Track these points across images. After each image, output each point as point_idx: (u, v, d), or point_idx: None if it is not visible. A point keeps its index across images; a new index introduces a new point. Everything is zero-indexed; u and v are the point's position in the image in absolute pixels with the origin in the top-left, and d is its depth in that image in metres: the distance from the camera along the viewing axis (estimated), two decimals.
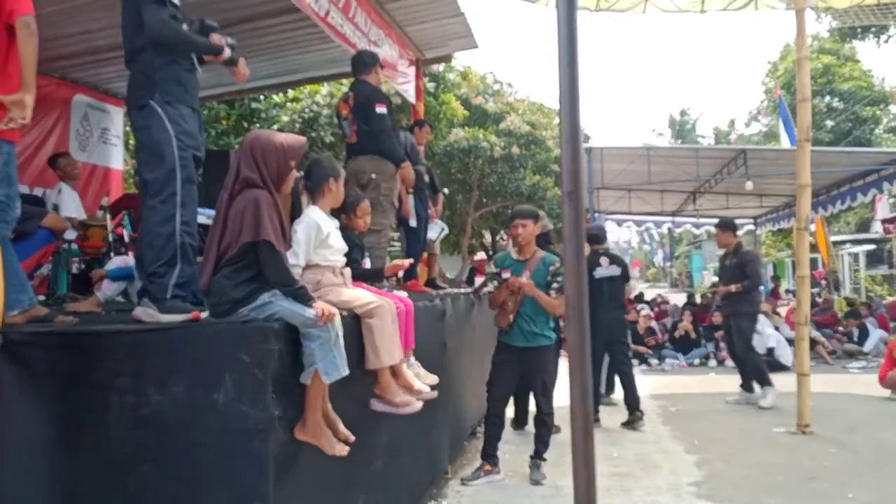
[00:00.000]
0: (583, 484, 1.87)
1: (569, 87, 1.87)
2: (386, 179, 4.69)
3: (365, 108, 4.64)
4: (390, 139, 4.64)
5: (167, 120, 2.93)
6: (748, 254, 7.20)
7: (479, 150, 12.77)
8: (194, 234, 2.98)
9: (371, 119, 4.60)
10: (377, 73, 4.83)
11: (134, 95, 3.02)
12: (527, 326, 4.51)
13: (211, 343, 2.42)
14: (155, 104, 2.94)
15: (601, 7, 7.57)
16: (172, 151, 2.90)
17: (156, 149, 2.91)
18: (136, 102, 3.01)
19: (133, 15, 2.96)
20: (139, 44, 2.97)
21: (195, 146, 3.03)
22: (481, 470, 4.53)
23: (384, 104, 4.63)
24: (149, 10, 2.90)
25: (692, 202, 15.90)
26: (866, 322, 10.81)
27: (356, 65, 4.83)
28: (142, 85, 2.98)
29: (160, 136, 2.92)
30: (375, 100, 4.63)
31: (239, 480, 2.30)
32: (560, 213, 2.14)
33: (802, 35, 5.93)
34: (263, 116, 10.31)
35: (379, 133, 4.59)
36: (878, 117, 22.53)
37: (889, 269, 21.99)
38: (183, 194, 2.91)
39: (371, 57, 4.85)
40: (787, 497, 4.13)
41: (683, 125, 47.07)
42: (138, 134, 3.01)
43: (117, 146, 7.79)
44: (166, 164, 2.89)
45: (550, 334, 4.58)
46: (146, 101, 2.95)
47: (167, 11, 2.95)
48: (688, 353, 10.41)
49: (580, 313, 1.89)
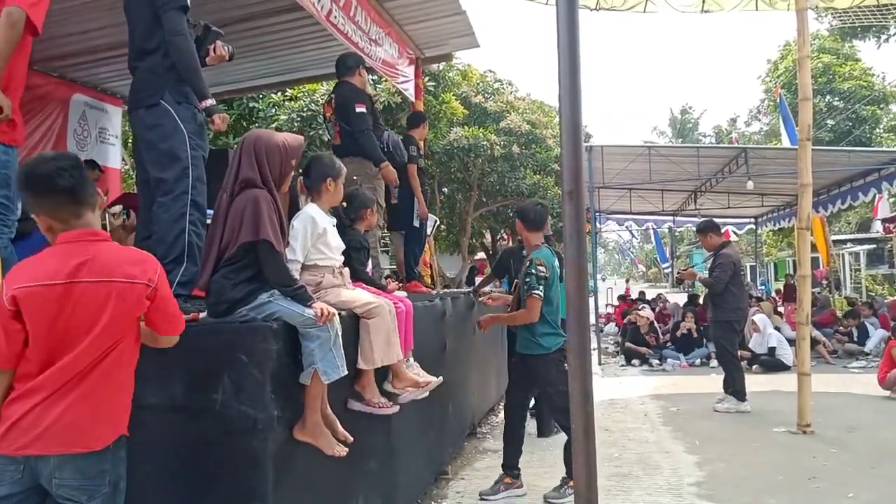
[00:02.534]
0: (583, 484, 1.87)
1: (570, 85, 1.86)
2: (368, 180, 4.71)
3: (345, 109, 4.68)
4: (369, 139, 4.65)
5: (180, 119, 2.95)
6: (720, 256, 6.76)
7: (479, 149, 12.73)
8: (202, 235, 2.99)
9: (351, 119, 4.64)
10: (361, 74, 4.86)
11: (141, 94, 3.03)
12: (522, 332, 4.23)
13: (210, 343, 2.41)
14: (166, 103, 2.95)
15: (601, 6, 7.56)
16: (186, 150, 2.93)
17: (168, 148, 2.93)
18: (143, 101, 3.01)
19: (147, 16, 2.98)
20: (151, 45, 2.98)
21: (203, 146, 3.05)
22: (501, 483, 4.23)
23: (363, 104, 4.65)
24: (170, 17, 2.92)
25: (693, 201, 15.89)
26: (866, 322, 10.80)
27: (340, 67, 4.88)
28: (151, 84, 2.99)
29: (174, 135, 2.94)
30: (355, 100, 4.67)
31: (238, 480, 2.30)
32: (560, 213, 2.12)
33: (803, 35, 5.91)
34: (262, 116, 10.29)
35: (358, 133, 4.62)
36: (879, 117, 22.51)
37: (889, 268, 21.99)
38: (194, 193, 2.94)
39: (354, 59, 4.89)
40: (787, 497, 4.12)
41: (685, 124, 46.99)
42: (148, 133, 3.01)
43: (115, 146, 7.77)
44: (180, 163, 2.92)
45: (546, 342, 4.12)
46: (156, 99, 2.96)
47: (186, 21, 2.98)
48: (689, 354, 10.41)
49: (581, 313, 1.88)
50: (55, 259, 1.95)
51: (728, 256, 6.71)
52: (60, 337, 1.90)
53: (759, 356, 9.47)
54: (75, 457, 1.89)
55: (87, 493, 1.91)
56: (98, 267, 1.94)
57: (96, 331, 1.92)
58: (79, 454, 1.89)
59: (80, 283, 1.92)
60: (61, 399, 1.89)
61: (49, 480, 1.88)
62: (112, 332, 1.95)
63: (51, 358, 1.90)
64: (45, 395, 1.88)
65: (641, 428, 6.07)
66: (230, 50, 3.40)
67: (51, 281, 1.90)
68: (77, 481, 1.90)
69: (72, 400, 1.90)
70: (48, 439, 1.86)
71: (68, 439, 1.88)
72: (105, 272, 1.95)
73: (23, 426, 1.87)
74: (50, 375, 1.89)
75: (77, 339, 1.91)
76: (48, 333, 1.89)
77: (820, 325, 10.95)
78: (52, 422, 1.87)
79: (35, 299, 1.89)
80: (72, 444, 1.89)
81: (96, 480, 1.93)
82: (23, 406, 1.88)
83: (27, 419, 1.87)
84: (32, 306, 1.89)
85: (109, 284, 1.94)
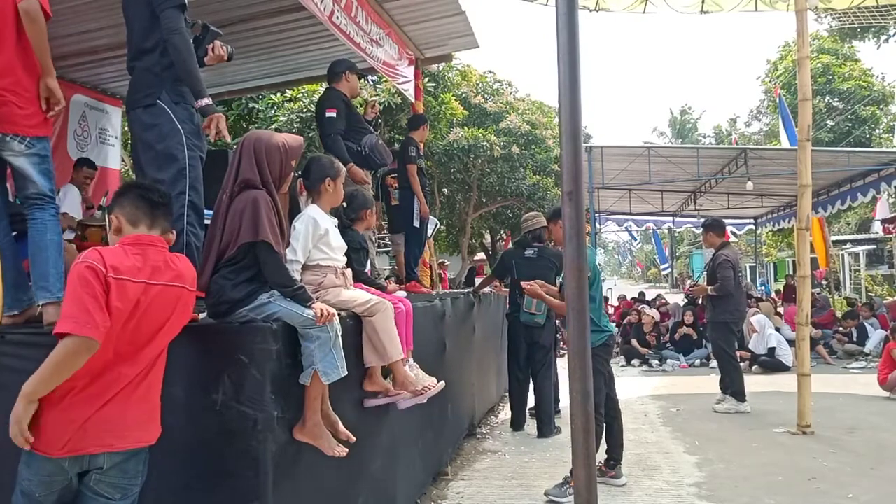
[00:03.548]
0: (583, 484, 1.87)
1: (569, 86, 1.86)
2: (349, 183, 4.75)
3: (319, 114, 4.80)
4: (334, 142, 4.69)
5: (177, 119, 2.92)
6: (719, 256, 6.78)
7: (478, 150, 12.74)
8: (199, 236, 2.97)
9: (321, 123, 4.75)
10: (349, 80, 4.90)
11: (138, 94, 3.00)
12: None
13: (210, 343, 2.41)
14: (163, 103, 2.92)
15: (601, 7, 7.57)
16: (183, 151, 2.90)
17: (166, 148, 2.90)
18: (141, 101, 2.98)
19: (144, 15, 2.96)
20: (149, 45, 2.96)
21: (201, 147, 3.03)
22: (567, 485, 4.12)
23: (335, 109, 4.72)
24: (167, 15, 2.89)
25: (693, 202, 15.90)
26: (866, 322, 10.80)
27: (329, 74, 4.95)
28: (149, 84, 2.96)
29: (171, 135, 2.91)
30: (327, 105, 4.76)
31: (238, 480, 2.30)
32: None
33: (802, 35, 5.92)
34: (261, 116, 10.30)
35: (324, 137, 4.73)
36: (878, 117, 22.51)
37: (889, 269, 21.98)
38: (191, 194, 2.91)
39: (343, 65, 4.94)
40: (787, 497, 4.12)
41: (684, 124, 46.99)
42: (145, 133, 2.98)
43: (115, 146, 7.77)
44: (177, 164, 2.89)
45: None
46: (154, 99, 2.93)
47: (184, 20, 2.95)
48: (689, 354, 10.41)
49: (580, 313, 1.88)
50: (134, 258, 2.01)
51: (727, 256, 6.75)
52: (132, 335, 1.97)
53: (758, 357, 9.48)
54: (124, 455, 1.97)
55: (122, 490, 2.00)
56: (171, 272, 2.07)
57: (162, 332, 2.04)
58: (125, 452, 1.97)
59: (157, 286, 2.02)
60: (127, 398, 1.96)
61: (90, 475, 1.95)
62: (171, 335, 2.09)
63: (118, 355, 1.95)
64: (112, 396, 1.94)
65: (641, 428, 6.07)
66: (229, 50, 3.38)
67: (134, 278, 1.96)
68: (117, 479, 1.98)
69: (136, 399, 1.99)
70: (109, 436, 1.93)
71: (131, 436, 1.98)
72: (177, 278, 2.08)
73: (89, 429, 1.89)
74: (118, 374, 1.95)
75: (147, 339, 2.00)
76: (122, 328, 1.94)
77: (818, 326, 10.95)
78: (115, 420, 1.94)
79: (125, 291, 1.93)
80: (135, 440, 1.99)
81: (133, 480, 2.03)
82: (88, 408, 1.90)
83: (94, 421, 1.90)
84: (121, 297, 1.92)
85: (180, 290, 2.08)
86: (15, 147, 2.57)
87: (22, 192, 2.66)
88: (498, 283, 6.50)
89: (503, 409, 6.85)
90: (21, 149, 2.58)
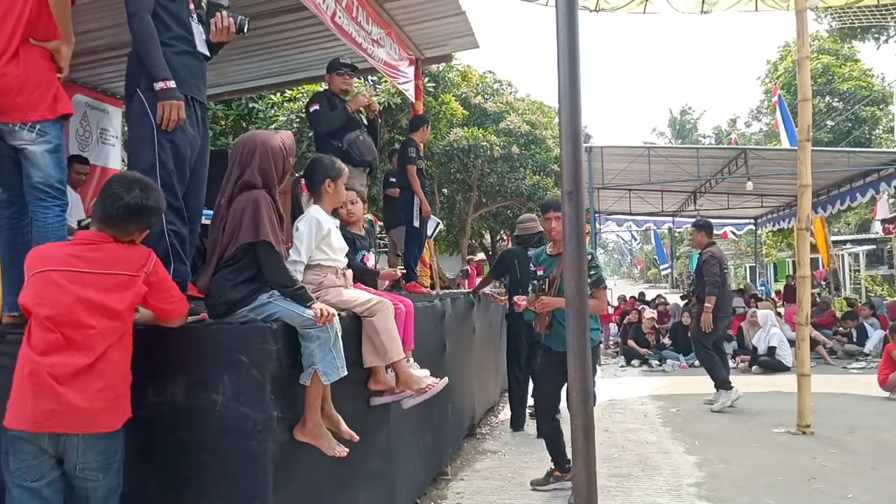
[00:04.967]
0: (583, 484, 1.87)
1: (569, 86, 1.86)
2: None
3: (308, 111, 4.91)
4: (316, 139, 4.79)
5: (150, 109, 2.76)
6: (705, 253, 6.87)
7: (478, 150, 12.75)
8: (182, 234, 2.90)
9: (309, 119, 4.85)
10: (332, 78, 4.97)
11: (126, 84, 2.91)
12: (562, 330, 4.15)
13: (210, 344, 2.41)
14: (140, 92, 2.79)
15: (601, 7, 7.57)
16: (153, 147, 2.74)
17: (139, 140, 2.77)
18: (126, 91, 2.89)
19: None
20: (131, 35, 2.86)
21: (179, 139, 2.83)
22: (551, 476, 4.36)
23: (317, 103, 4.81)
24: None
25: (693, 202, 15.91)
26: (865, 323, 10.81)
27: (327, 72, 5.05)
28: (133, 72, 2.84)
29: (140, 127, 2.77)
30: (313, 100, 4.87)
31: (237, 481, 2.30)
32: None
33: (802, 35, 5.92)
34: (261, 116, 10.31)
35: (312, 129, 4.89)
36: (878, 117, 22.51)
37: (889, 269, 21.98)
38: (168, 194, 2.70)
39: (330, 65, 5.02)
40: (786, 497, 4.12)
41: (684, 124, 46.96)
42: (128, 126, 2.88)
43: (115, 146, 7.77)
44: (145, 159, 2.73)
45: (593, 336, 4.23)
46: (133, 89, 2.81)
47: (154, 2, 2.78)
48: (688, 354, 10.39)
49: (580, 313, 1.88)
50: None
51: (712, 253, 6.86)
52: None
53: (758, 357, 9.48)
54: (99, 438, 2.10)
55: (104, 469, 2.14)
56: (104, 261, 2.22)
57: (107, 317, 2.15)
58: (101, 435, 2.11)
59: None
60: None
61: (73, 466, 2.09)
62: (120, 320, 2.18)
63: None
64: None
65: (641, 428, 6.07)
66: (239, 20, 3.11)
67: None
68: (98, 462, 2.12)
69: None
70: (77, 419, 2.06)
71: (95, 420, 2.09)
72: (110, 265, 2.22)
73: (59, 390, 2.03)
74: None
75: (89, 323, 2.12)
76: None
77: (819, 326, 10.95)
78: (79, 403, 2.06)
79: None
80: (98, 424, 2.11)
81: (111, 458, 2.16)
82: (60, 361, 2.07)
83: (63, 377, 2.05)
84: None
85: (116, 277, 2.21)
86: (24, 136, 2.52)
87: (27, 182, 2.55)
88: (497, 282, 6.50)
89: (503, 409, 6.85)
90: (31, 137, 2.52)
